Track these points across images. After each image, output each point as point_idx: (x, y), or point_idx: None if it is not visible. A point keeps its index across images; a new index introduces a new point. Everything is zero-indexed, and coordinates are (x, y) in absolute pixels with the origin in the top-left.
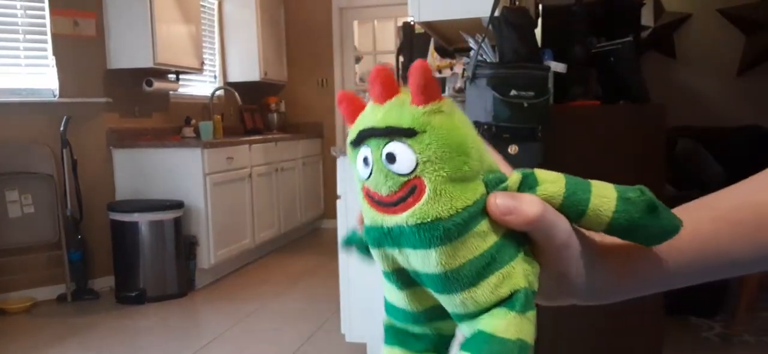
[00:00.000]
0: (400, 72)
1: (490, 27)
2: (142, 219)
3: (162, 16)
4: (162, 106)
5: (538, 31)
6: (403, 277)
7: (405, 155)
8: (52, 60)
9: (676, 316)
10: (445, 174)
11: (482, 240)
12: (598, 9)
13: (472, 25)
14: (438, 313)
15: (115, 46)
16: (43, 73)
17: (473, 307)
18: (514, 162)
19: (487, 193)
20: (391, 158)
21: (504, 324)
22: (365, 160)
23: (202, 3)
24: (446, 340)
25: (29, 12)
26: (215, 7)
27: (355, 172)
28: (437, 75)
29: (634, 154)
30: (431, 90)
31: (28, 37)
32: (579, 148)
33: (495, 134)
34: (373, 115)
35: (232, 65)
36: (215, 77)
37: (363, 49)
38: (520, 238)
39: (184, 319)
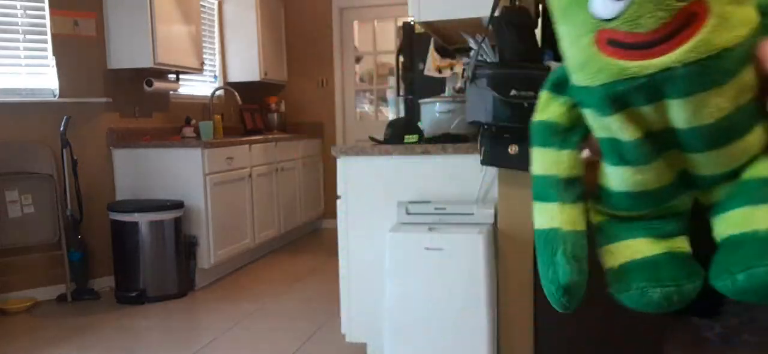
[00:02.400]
0: (401, 72)
1: (490, 27)
2: (142, 219)
3: (162, 16)
4: (162, 106)
5: (538, 31)
6: (653, 143)
7: None
8: (52, 60)
9: (676, 316)
10: None
11: (753, 74)
12: None
13: (472, 25)
14: (680, 185)
15: (115, 46)
16: (43, 73)
17: (741, 158)
18: (514, 162)
19: (764, 17)
20: None
21: None
22: None
23: (202, 3)
24: (685, 217)
25: (29, 12)
26: (215, 7)
27: (580, 20)
28: (437, 75)
29: None
30: None
31: (28, 37)
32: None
33: (495, 134)
34: None
35: (232, 65)
36: (215, 77)
37: (363, 49)
38: None
39: (184, 319)
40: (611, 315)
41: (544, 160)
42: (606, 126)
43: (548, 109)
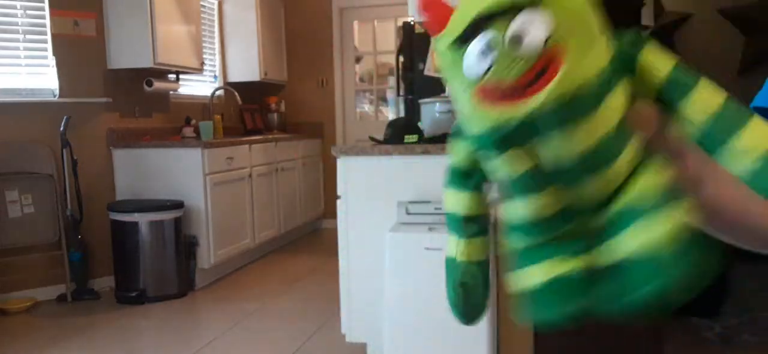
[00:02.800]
0: (401, 72)
1: None
2: (142, 219)
3: (162, 16)
4: (162, 106)
5: None
6: (539, 177)
7: (535, 28)
8: (52, 60)
9: (677, 316)
10: (582, 33)
11: (621, 102)
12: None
13: None
14: (578, 208)
15: (115, 46)
16: (43, 73)
17: (616, 183)
18: None
19: (619, 49)
20: (518, 37)
21: (650, 178)
22: (483, 50)
23: (202, 3)
24: (592, 234)
25: (29, 12)
26: (215, 7)
27: (459, 80)
28: (437, 75)
29: None
30: None
31: (28, 37)
32: None
33: None
34: (480, 1)
35: (232, 65)
36: (215, 77)
37: (363, 49)
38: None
39: (184, 319)
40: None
41: (448, 199)
42: (498, 166)
43: (453, 152)
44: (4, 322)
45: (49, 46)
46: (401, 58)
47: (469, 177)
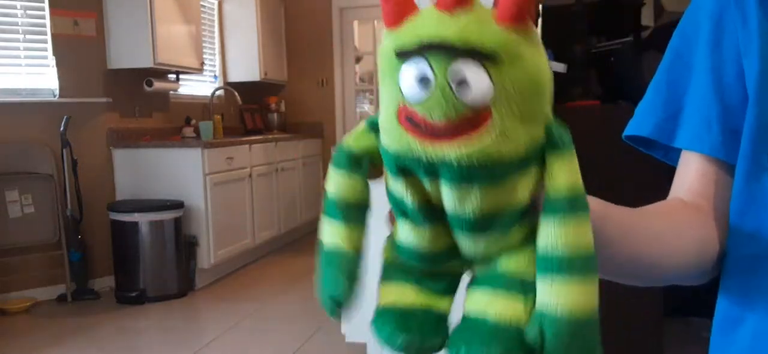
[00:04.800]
0: None
1: None
2: (142, 219)
3: (162, 16)
4: (162, 106)
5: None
6: (428, 212)
7: (481, 84)
8: (52, 60)
9: (676, 316)
10: (517, 113)
11: (529, 187)
12: (598, 9)
13: None
14: (452, 253)
15: (115, 46)
16: (43, 73)
17: (496, 251)
18: None
19: (547, 140)
20: (462, 83)
21: (525, 262)
22: (423, 79)
23: (202, 3)
24: (456, 279)
25: (29, 12)
26: (215, 7)
27: (391, 89)
28: None
29: (635, 154)
30: (527, 9)
31: (28, 37)
32: (579, 148)
33: None
34: (442, 26)
35: (232, 65)
36: (215, 77)
37: (363, 49)
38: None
39: (184, 319)
40: (611, 315)
41: (336, 182)
42: (394, 186)
43: (356, 135)
44: (4, 322)
45: (49, 46)
46: None
47: (360, 163)
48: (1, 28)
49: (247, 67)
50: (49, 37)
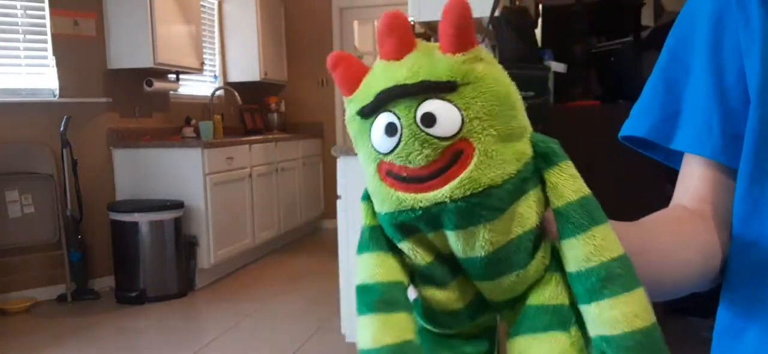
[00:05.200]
0: None
1: (490, 27)
2: (142, 219)
3: (162, 16)
4: (162, 106)
5: (538, 31)
6: (447, 266)
7: (447, 114)
8: (52, 60)
9: (676, 316)
10: (495, 132)
11: (534, 208)
12: (598, 9)
13: None
14: (479, 307)
15: (115, 46)
16: (43, 73)
17: (522, 288)
18: None
19: (535, 155)
20: (429, 120)
21: (553, 289)
22: (389, 128)
23: (202, 3)
24: (492, 333)
25: (29, 12)
26: (215, 7)
27: (366, 150)
28: None
29: (634, 154)
30: (469, 34)
31: (28, 37)
32: (579, 148)
33: None
34: (394, 73)
35: (232, 65)
36: (215, 77)
37: (363, 49)
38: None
39: (184, 319)
40: None
41: (366, 267)
42: (405, 250)
43: (365, 214)
44: (4, 322)
45: (49, 46)
46: None
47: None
48: (1, 28)
49: (247, 67)
50: (49, 37)
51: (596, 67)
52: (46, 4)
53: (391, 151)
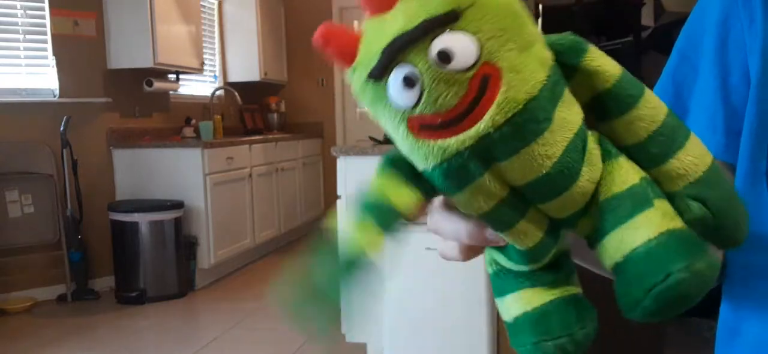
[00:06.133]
0: None
1: None
2: (142, 219)
3: (162, 16)
4: (162, 106)
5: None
6: (508, 208)
7: (462, 44)
8: (52, 60)
9: (677, 316)
10: (514, 45)
11: (574, 108)
12: (598, 9)
13: None
14: (554, 232)
15: (115, 46)
16: (43, 73)
17: (591, 188)
18: None
19: (557, 53)
20: (445, 56)
21: (620, 174)
22: (407, 80)
23: (202, 3)
24: (567, 258)
25: (29, 12)
26: (215, 7)
27: (388, 114)
28: None
29: None
30: None
31: (28, 37)
32: None
33: None
34: (390, 25)
35: (232, 65)
36: (215, 77)
37: None
38: None
39: (184, 319)
40: (610, 315)
41: (385, 184)
42: (463, 204)
43: (392, 186)
44: (4, 322)
45: (49, 46)
46: None
47: (419, 179)
48: (1, 28)
49: (247, 67)
50: (49, 37)
51: None
52: (46, 4)
53: (417, 104)
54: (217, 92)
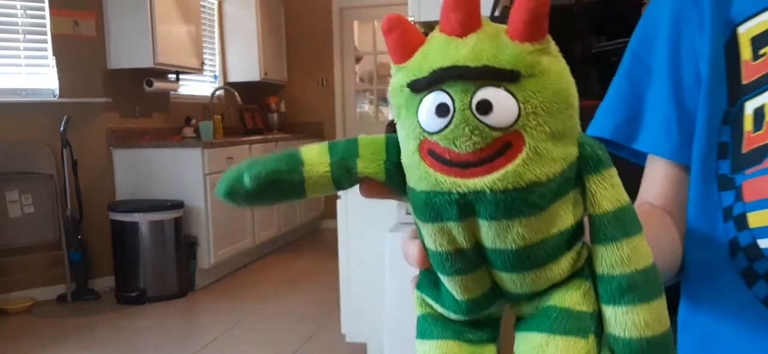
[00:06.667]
0: None
1: None
2: (142, 219)
3: (162, 16)
4: (162, 106)
5: None
6: (461, 259)
7: (505, 104)
8: (52, 60)
9: (675, 316)
10: (548, 130)
11: (571, 210)
12: (598, 9)
13: None
14: (494, 295)
15: (115, 46)
16: (43, 73)
17: (545, 285)
18: None
19: (581, 156)
20: (485, 107)
21: (580, 296)
22: (441, 108)
23: (202, 3)
24: (497, 323)
25: (29, 12)
26: (215, 7)
27: (409, 125)
28: None
29: None
30: (542, 23)
31: (28, 37)
32: None
33: None
34: (455, 51)
35: (232, 65)
36: (215, 77)
37: (363, 49)
38: None
39: (184, 319)
40: None
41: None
42: (424, 234)
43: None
44: (4, 322)
45: (49, 46)
46: None
47: (347, 166)
48: (1, 28)
49: (247, 67)
50: (49, 37)
51: (596, 67)
52: (46, 4)
53: (438, 132)
54: (217, 92)
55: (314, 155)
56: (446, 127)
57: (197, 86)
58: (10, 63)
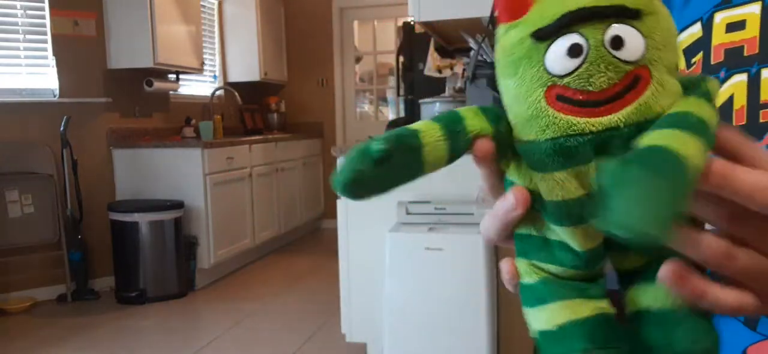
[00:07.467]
0: (401, 72)
1: (490, 27)
2: (142, 219)
3: (162, 16)
4: (162, 106)
5: None
6: (588, 203)
7: (634, 39)
8: (52, 60)
9: None
10: (667, 63)
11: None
12: None
13: (472, 25)
14: (606, 246)
15: (115, 46)
16: (43, 73)
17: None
18: None
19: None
20: (618, 42)
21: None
22: (574, 48)
23: (202, 3)
24: (603, 280)
25: (29, 12)
26: (215, 7)
27: (532, 74)
28: (437, 75)
29: None
30: None
31: (28, 37)
32: None
33: None
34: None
35: (232, 65)
36: (215, 77)
37: (363, 49)
38: None
39: (184, 319)
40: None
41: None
42: (547, 185)
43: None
44: (4, 322)
45: (49, 46)
46: (401, 58)
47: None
48: (1, 28)
49: (247, 67)
50: (49, 37)
51: None
52: (46, 4)
53: (569, 74)
54: (217, 92)
55: (422, 125)
56: (580, 66)
57: (197, 86)
58: (10, 63)
